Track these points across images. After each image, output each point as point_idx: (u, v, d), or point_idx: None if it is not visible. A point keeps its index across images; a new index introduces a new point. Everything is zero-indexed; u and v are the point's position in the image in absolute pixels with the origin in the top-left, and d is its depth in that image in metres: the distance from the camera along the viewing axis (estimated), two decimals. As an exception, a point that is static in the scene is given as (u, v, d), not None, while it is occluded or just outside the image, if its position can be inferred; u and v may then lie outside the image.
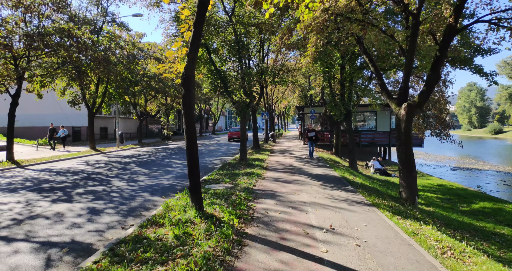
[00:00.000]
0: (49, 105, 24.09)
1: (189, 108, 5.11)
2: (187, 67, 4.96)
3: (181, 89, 5.09)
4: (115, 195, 6.94)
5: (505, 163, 30.07)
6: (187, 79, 4.99)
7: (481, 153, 36.94)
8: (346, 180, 8.98)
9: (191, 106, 5.15)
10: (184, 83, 5.02)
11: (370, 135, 22.28)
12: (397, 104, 7.09)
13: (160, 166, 11.68)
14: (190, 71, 4.98)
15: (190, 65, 4.96)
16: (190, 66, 4.96)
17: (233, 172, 9.64)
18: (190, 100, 5.10)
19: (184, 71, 4.99)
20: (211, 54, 11.43)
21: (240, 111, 10.97)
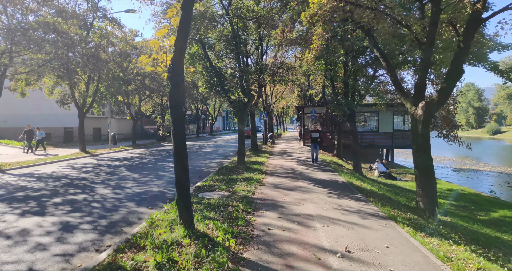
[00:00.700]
0: (40, 105, 23.17)
1: (177, 106, 4.33)
2: (174, 59, 4.19)
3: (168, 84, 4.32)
4: (96, 205, 6.13)
5: (506, 164, 29.58)
6: (174, 73, 4.22)
7: (480, 154, 36.38)
8: (353, 186, 8.23)
9: (180, 104, 4.38)
10: (171, 78, 4.25)
11: (370, 136, 21.58)
12: (412, 103, 6.35)
13: (152, 170, 10.87)
14: (178, 63, 4.21)
15: (178, 56, 4.19)
16: (178, 57, 4.19)
17: (230, 177, 8.87)
18: (178, 98, 4.32)
19: (171, 63, 4.22)
20: (206, 50, 10.65)
21: (237, 111, 10.20)
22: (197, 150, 19.07)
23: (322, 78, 16.97)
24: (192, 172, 10.55)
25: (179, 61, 4.22)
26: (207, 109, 42.64)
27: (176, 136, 4.31)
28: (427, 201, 5.97)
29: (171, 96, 4.33)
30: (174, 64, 4.21)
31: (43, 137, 16.46)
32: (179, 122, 4.33)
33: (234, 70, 10.10)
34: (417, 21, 5.97)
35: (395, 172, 16.67)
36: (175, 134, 4.31)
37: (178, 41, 4.12)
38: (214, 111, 43.93)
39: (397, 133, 21.44)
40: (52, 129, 25.15)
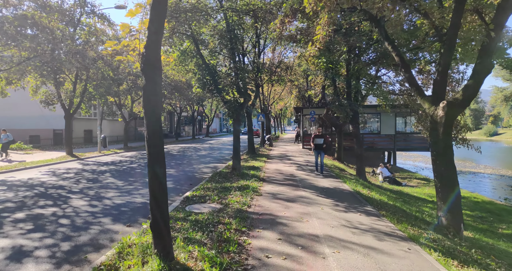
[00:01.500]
0: (28, 106, 22.14)
1: (153, 106, 3.47)
2: (148, 45, 3.33)
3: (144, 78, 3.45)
4: (65, 222, 5.23)
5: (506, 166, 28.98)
6: (149, 63, 3.36)
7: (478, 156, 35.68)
8: (361, 196, 7.39)
9: (157, 103, 3.51)
10: (145, 69, 3.39)
11: (370, 138, 20.77)
12: (431, 102, 5.53)
13: (139, 176, 9.97)
14: (154, 51, 3.35)
15: (153, 41, 3.33)
16: (152, 43, 3.33)
17: (223, 185, 7.99)
18: (154, 95, 3.46)
19: (144, 52, 3.37)
20: (199, 47, 9.80)
21: (232, 112, 9.34)
22: (191, 154, 18.17)
23: (322, 78, 16.19)
24: (183, 179, 9.67)
25: (155, 48, 3.36)
26: (203, 110, 41.73)
27: (151, 146, 3.45)
28: (451, 217, 5.14)
29: (145, 93, 3.46)
30: (148, 52, 3.35)
31: (10, 140, 14.47)
32: (154, 127, 3.47)
33: (229, 67, 9.26)
34: (438, 9, 5.17)
35: (399, 176, 15.88)
36: (149, 143, 3.45)
37: (153, 22, 3.26)
38: (211, 113, 43.04)
39: (399, 135, 20.69)
40: (41, 131, 24.14)
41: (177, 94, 23.75)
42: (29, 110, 22.57)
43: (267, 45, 16.44)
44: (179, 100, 29.98)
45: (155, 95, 3.48)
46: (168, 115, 38.74)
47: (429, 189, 12.50)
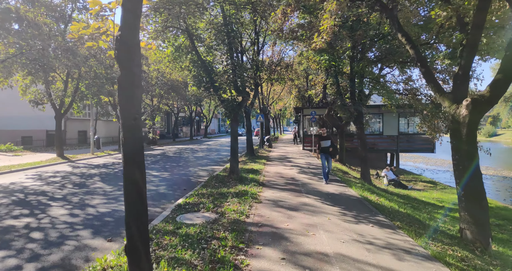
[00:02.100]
0: (19, 106, 21.44)
1: (129, 101, 2.84)
2: (123, 27, 2.71)
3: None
4: (37, 236, 4.59)
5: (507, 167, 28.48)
6: (124, 48, 2.73)
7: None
8: (370, 203, 6.77)
9: (134, 98, 2.89)
10: (120, 56, 2.76)
11: (371, 139, 20.02)
12: (452, 100, 4.93)
13: (130, 181, 9.31)
14: (130, 34, 2.72)
15: (130, 22, 2.70)
16: (128, 24, 2.71)
17: (219, 191, 7.35)
18: (131, 88, 2.83)
19: (118, 35, 2.74)
20: (194, 42, 9.18)
21: (230, 112, 8.71)
22: (188, 155, 17.52)
23: (323, 77, 15.61)
24: (177, 183, 9.03)
25: (132, 30, 2.73)
26: (201, 111, 41.08)
27: (128, 148, 2.82)
28: (477, 230, 4.52)
29: (121, 86, 2.83)
30: (123, 35, 2.72)
31: None
32: (131, 127, 2.84)
33: (226, 63, 8.64)
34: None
35: (404, 179, 15.27)
36: (125, 145, 2.82)
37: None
38: (209, 113, 42.40)
39: (402, 136, 20.12)
40: (33, 132, 23.45)
41: (173, 93, 23.10)
42: (21, 110, 21.84)
43: (266, 42, 15.84)
44: (176, 100, 29.35)
45: (133, 88, 2.85)
46: (165, 115, 38.08)
47: (437, 193, 11.91)
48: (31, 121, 22.88)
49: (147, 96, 24.55)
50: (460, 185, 4.79)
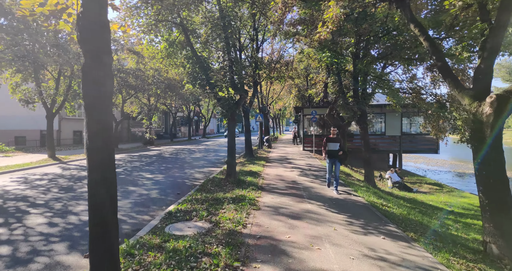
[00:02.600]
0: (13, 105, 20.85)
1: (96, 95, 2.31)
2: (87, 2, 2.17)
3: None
4: (3, 251, 4.05)
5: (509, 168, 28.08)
6: (89, 29, 2.20)
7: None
8: (377, 209, 6.24)
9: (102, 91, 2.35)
10: (84, 40, 2.23)
11: (372, 140, 19.39)
12: (473, 97, 4.40)
13: (121, 184, 8.77)
14: (95, 11, 2.19)
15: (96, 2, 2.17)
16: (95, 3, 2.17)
17: (215, 196, 6.81)
18: (98, 80, 2.30)
19: (80, 12, 2.21)
20: (189, 37, 8.64)
21: (227, 111, 8.16)
22: (185, 156, 16.97)
23: (325, 75, 15.08)
24: (171, 187, 8.48)
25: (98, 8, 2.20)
26: (200, 110, 40.52)
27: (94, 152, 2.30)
28: (505, 244, 3.99)
29: (86, 76, 2.30)
30: (87, 13, 2.19)
31: None
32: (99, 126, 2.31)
33: (223, 59, 8.11)
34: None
35: (408, 181, 14.75)
36: (91, 148, 2.31)
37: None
38: (207, 113, 41.83)
39: (405, 136, 19.60)
40: (27, 132, 22.88)
41: (170, 93, 22.54)
42: (14, 110, 21.26)
43: (266, 39, 15.30)
44: (174, 99, 28.79)
45: (100, 79, 2.31)
46: (163, 115, 37.52)
47: (445, 196, 11.39)
48: (24, 121, 22.31)
49: (144, 95, 23.99)
50: (483, 193, 4.25)
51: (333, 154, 7.43)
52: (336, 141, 7.45)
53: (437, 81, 13.21)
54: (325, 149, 7.56)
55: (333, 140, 7.48)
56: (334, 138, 7.51)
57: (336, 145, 7.43)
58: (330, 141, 7.49)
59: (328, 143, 7.50)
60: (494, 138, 4.12)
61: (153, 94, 23.17)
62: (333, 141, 7.46)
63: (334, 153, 7.42)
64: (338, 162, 7.44)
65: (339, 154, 7.39)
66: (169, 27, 9.03)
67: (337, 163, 7.43)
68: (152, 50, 8.84)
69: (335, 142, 7.45)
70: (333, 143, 7.44)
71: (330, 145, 7.47)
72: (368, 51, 10.84)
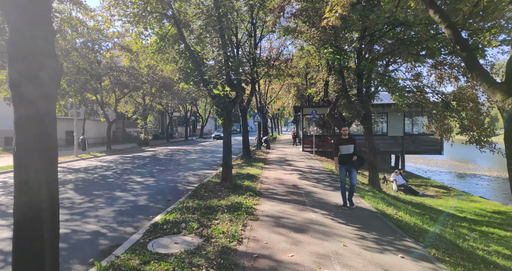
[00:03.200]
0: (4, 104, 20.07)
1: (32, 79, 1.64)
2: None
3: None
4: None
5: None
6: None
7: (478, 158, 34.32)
8: (388, 219, 5.61)
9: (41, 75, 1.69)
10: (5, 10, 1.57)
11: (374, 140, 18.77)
12: (506, 92, 3.78)
13: (108, 188, 8.09)
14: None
15: None
16: None
17: (208, 203, 6.15)
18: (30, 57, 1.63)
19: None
20: (181, 29, 7.97)
21: (222, 110, 7.50)
22: (180, 157, 16.29)
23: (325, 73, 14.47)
24: (162, 192, 7.81)
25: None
26: (197, 110, 39.85)
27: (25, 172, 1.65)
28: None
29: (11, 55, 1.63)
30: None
31: None
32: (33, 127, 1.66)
33: (218, 53, 7.45)
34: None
35: (412, 183, 14.15)
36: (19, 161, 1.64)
37: None
38: (205, 113, 41.16)
39: (407, 136, 19.03)
40: (17, 132, 22.09)
41: (165, 92, 21.85)
42: (4, 109, 20.44)
43: (264, 36, 14.66)
44: (170, 99, 28.09)
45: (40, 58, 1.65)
46: (159, 115, 36.79)
47: (454, 201, 10.78)
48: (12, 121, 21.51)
49: (138, 95, 23.28)
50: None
51: (347, 160, 6.06)
52: (349, 143, 6.08)
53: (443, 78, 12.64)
54: (337, 154, 6.15)
55: (346, 141, 6.10)
56: (347, 140, 6.12)
57: (350, 148, 6.05)
58: (342, 144, 6.10)
59: (340, 146, 6.09)
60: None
61: (148, 93, 22.47)
62: (346, 143, 6.09)
63: (348, 159, 6.04)
64: (354, 169, 6.09)
65: (354, 158, 6.03)
66: (159, 20, 8.35)
67: (353, 170, 6.08)
68: (141, 44, 8.17)
69: (349, 144, 6.06)
70: (346, 145, 6.07)
71: (342, 149, 6.08)
72: (372, 47, 10.21)
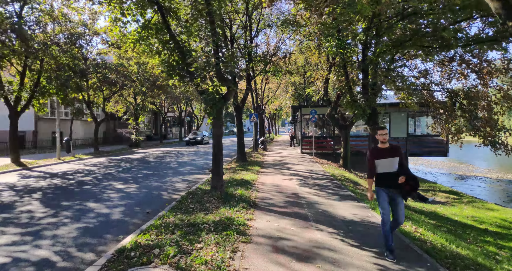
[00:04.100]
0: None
1: None
2: None
3: None
4: None
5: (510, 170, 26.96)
6: None
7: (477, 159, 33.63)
8: (410, 239, 4.63)
9: None
10: None
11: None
12: None
13: (80, 199, 7.03)
14: None
15: None
16: None
17: (193, 219, 5.13)
18: None
19: None
20: (165, 16, 6.95)
21: (211, 108, 6.49)
22: (171, 160, 15.23)
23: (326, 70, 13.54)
24: (142, 202, 6.77)
25: None
26: (192, 110, 38.75)
27: None
28: None
29: None
30: None
31: None
32: None
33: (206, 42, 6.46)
34: None
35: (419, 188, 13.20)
36: None
37: None
38: (200, 113, 40.04)
39: (411, 138, 18.14)
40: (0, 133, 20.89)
41: (156, 90, 20.78)
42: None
43: (261, 30, 13.67)
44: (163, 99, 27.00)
45: None
46: (153, 115, 35.67)
47: (468, 209, 9.85)
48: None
49: (129, 94, 22.17)
50: None
51: (389, 181, 3.80)
52: (392, 155, 3.83)
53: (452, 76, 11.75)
54: (372, 174, 3.94)
55: (387, 153, 3.84)
56: (388, 150, 3.85)
57: (393, 163, 3.81)
58: (381, 156, 3.85)
59: (378, 160, 3.86)
60: None
61: (139, 92, 21.38)
62: (387, 155, 3.83)
63: (391, 180, 3.78)
64: (400, 198, 3.84)
65: (401, 180, 3.72)
66: (141, 5, 7.31)
67: (399, 199, 3.83)
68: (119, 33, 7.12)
69: (391, 157, 3.82)
70: (387, 159, 3.82)
71: (382, 165, 3.84)
72: (379, 39, 9.27)
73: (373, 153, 3.94)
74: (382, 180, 3.88)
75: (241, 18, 12.14)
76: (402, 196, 3.86)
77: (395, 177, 3.77)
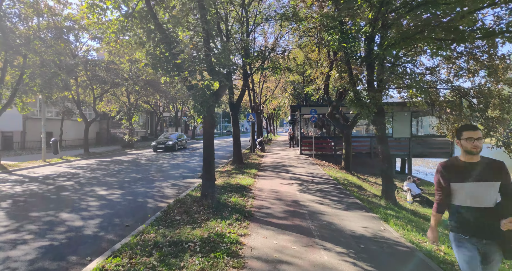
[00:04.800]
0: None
1: None
2: None
3: None
4: None
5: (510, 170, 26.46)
6: None
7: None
8: (434, 261, 3.87)
9: None
10: None
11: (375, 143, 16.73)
12: None
13: (54, 208, 6.23)
14: None
15: None
16: None
17: (177, 235, 4.36)
18: None
19: None
20: (150, 2, 6.17)
21: (201, 105, 5.70)
22: (163, 162, 14.42)
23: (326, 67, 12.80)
24: (124, 213, 5.98)
25: None
26: (188, 110, 37.89)
27: None
28: None
29: None
30: None
31: None
32: None
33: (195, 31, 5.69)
34: None
35: (426, 191, 12.47)
36: None
37: None
38: (197, 113, 39.19)
39: (414, 138, 17.42)
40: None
41: (150, 89, 19.97)
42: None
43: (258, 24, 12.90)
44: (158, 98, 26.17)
45: None
46: (148, 115, 34.83)
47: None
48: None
49: (122, 93, 21.35)
50: None
51: (480, 225, 2.15)
52: (487, 177, 2.14)
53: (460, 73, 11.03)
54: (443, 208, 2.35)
55: (477, 172, 2.16)
56: (481, 167, 2.17)
57: (489, 191, 2.14)
58: (464, 178, 2.18)
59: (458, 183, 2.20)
60: None
61: (132, 91, 20.57)
62: (477, 176, 2.15)
63: (483, 221, 2.14)
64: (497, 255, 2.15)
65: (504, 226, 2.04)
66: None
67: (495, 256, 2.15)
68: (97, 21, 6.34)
69: (486, 180, 2.14)
70: (477, 183, 2.14)
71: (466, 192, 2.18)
72: (385, 32, 8.52)
73: (447, 170, 2.25)
74: (465, 222, 2.18)
75: (237, 11, 11.37)
76: (504, 252, 2.13)
77: (491, 216, 2.11)
